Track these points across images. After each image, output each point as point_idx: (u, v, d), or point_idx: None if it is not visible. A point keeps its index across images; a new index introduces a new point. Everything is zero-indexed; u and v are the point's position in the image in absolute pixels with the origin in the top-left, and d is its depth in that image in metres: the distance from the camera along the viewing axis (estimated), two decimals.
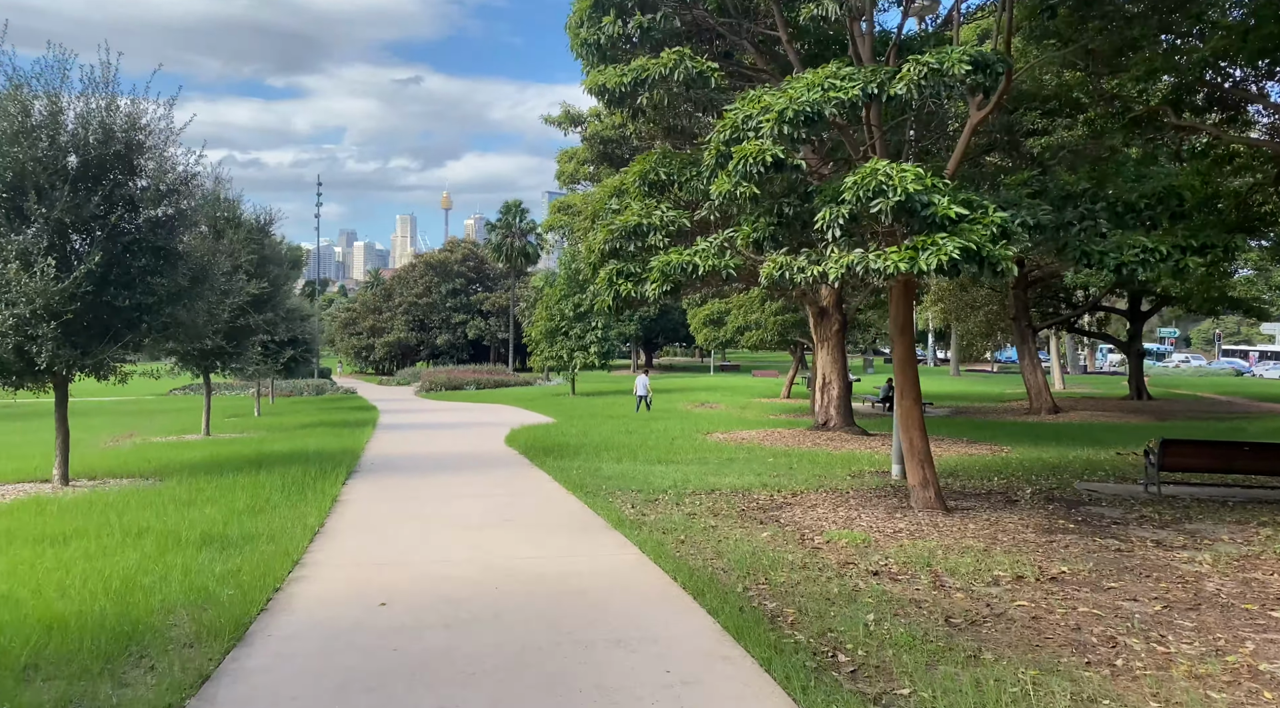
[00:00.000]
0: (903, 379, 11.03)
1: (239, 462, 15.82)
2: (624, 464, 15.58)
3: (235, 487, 12.46)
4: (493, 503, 11.71)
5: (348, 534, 9.54)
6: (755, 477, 14.12)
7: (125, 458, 16.96)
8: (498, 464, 16.09)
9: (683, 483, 13.31)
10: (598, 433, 21.32)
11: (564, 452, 17.30)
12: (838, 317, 20.48)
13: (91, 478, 14.76)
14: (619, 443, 18.86)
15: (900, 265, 7.77)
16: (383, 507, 11.39)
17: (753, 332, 27.83)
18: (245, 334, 23.01)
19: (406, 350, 79.59)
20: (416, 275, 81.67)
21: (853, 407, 21.14)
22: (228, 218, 22.51)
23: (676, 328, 76.19)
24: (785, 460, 16.24)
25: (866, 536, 9.76)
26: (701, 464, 15.68)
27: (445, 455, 17.58)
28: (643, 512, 11.11)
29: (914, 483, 11.07)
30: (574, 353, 41.49)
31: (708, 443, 19.10)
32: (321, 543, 9.06)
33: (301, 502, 11.43)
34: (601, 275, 9.89)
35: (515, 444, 19.34)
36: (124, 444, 21.04)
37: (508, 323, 73.30)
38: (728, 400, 36.40)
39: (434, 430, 24.16)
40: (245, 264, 22.18)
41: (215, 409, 37.19)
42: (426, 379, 55.00)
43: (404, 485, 13.35)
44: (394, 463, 16.32)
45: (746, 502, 11.98)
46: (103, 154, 12.83)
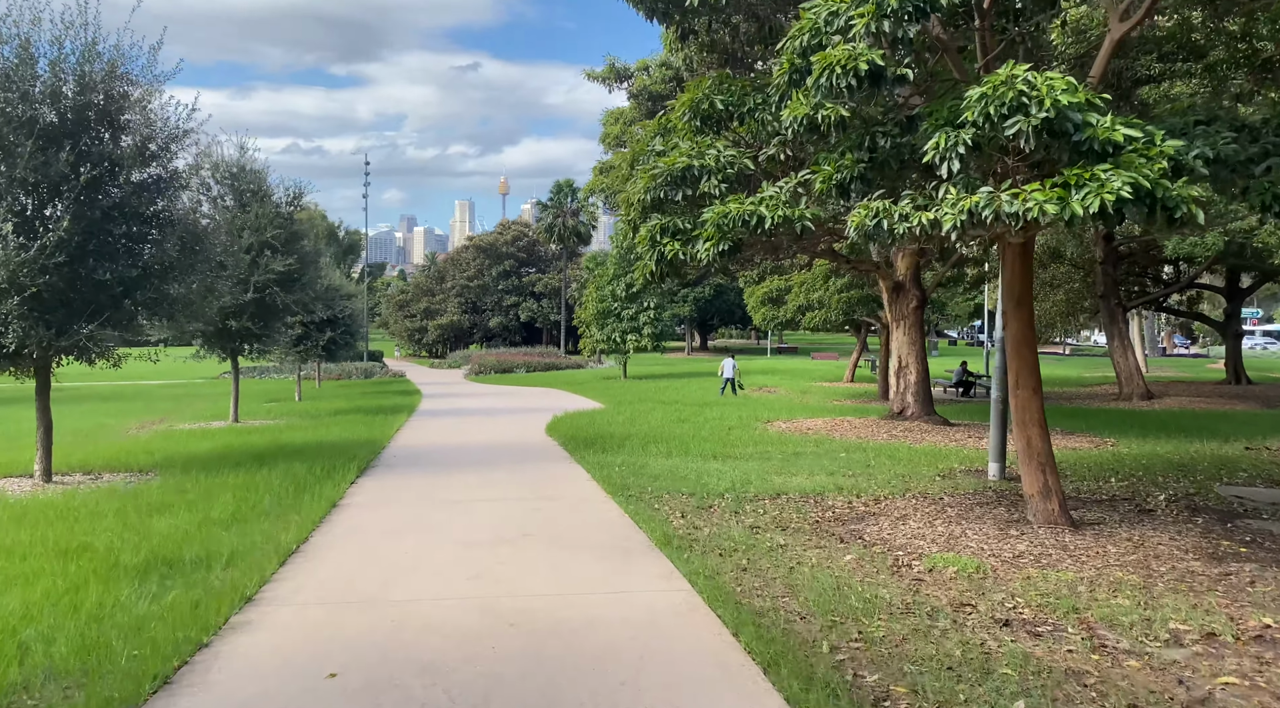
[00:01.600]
0: (1018, 363, 8.85)
1: (249, 454, 14.26)
2: (674, 460, 13.63)
3: (227, 487, 10.84)
4: (516, 510, 9.86)
5: (329, 554, 7.76)
6: (827, 477, 12.06)
7: (134, 448, 15.55)
8: (532, 458, 14.28)
9: (742, 485, 11.32)
10: (647, 421, 19.40)
11: (608, 443, 15.41)
12: (915, 292, 18.19)
13: (86, 472, 13.32)
14: (670, 433, 16.91)
15: (1048, 208, 5.64)
16: (385, 514, 9.62)
17: (815, 311, 25.60)
18: (273, 314, 21.56)
19: (459, 333, 78.61)
20: (468, 258, 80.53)
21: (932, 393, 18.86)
22: (254, 190, 21.06)
23: (732, 309, 73.86)
24: (860, 456, 14.12)
25: (979, 562, 7.67)
26: (763, 460, 13.66)
27: (477, 447, 15.84)
28: (694, 524, 9.15)
29: (1032, 491, 8.91)
30: (626, 335, 39.60)
31: (769, 434, 17.05)
32: (292, 568, 7.28)
33: (294, 507, 9.73)
34: (643, 233, 7.90)
35: (556, 434, 17.53)
36: (146, 432, 19.78)
37: (560, 304, 71.76)
38: (787, 384, 34.22)
39: (472, 417, 22.50)
40: (272, 239, 20.78)
41: (258, 393, 36.30)
42: (476, 362, 53.71)
43: (419, 485, 11.59)
44: (417, 456, 14.62)
45: (820, 510, 9.94)
46: (79, 106, 11.24)
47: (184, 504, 9.80)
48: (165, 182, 11.91)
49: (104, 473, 13.28)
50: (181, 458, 14.11)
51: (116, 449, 15.44)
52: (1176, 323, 75.97)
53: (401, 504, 10.21)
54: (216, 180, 21.19)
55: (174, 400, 32.15)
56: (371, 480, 11.99)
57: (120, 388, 41.79)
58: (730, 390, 28.29)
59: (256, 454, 14.13)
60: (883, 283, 18.61)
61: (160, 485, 11.14)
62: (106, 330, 11.86)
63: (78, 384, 44.39)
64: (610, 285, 40.18)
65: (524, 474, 12.49)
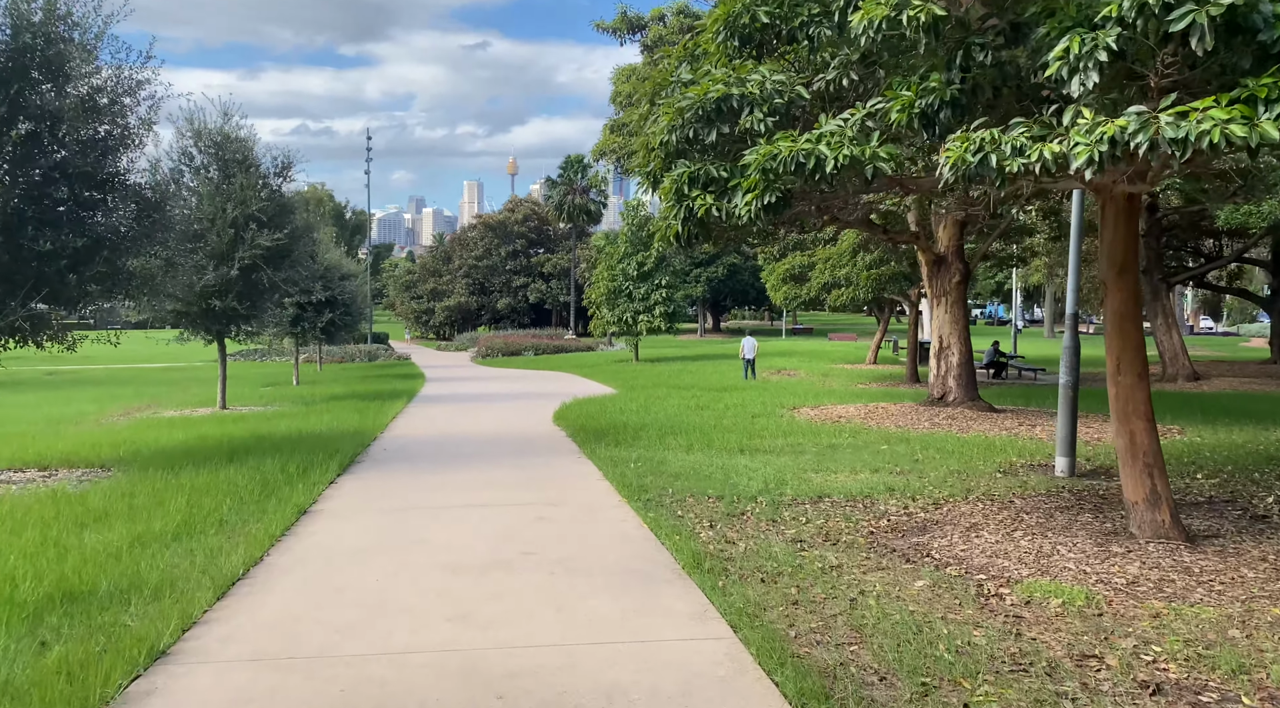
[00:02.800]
0: (1121, 343, 7.30)
1: (224, 446, 12.84)
2: (695, 454, 12.14)
3: (184, 489, 9.40)
4: (515, 519, 8.39)
5: (280, 584, 6.30)
6: (873, 475, 10.56)
7: (102, 440, 14.15)
8: (537, 452, 12.81)
9: (777, 484, 9.82)
10: (663, 408, 17.91)
11: (621, 435, 13.92)
12: (958, 266, 16.57)
13: (41, 468, 11.93)
14: (688, 423, 15.40)
15: (1234, 131, 4.09)
16: (360, 525, 8.16)
17: (841, 289, 23.99)
18: (260, 293, 20.12)
19: (467, 315, 77.07)
20: (476, 237, 78.83)
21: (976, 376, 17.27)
22: (239, 160, 19.56)
23: (746, 289, 72.24)
24: (904, 448, 12.60)
25: (1086, 590, 6.16)
26: (796, 454, 12.15)
27: (476, 438, 14.38)
28: (726, 537, 7.67)
29: (1135, 498, 7.37)
30: (638, 315, 38.04)
31: (798, 423, 15.53)
32: (230, 604, 5.82)
33: (256, 515, 8.29)
34: (666, 185, 6.35)
35: (564, 423, 16.06)
36: (126, 419, 18.41)
37: (570, 285, 70.15)
38: (807, 367, 32.67)
39: (476, 403, 21.06)
40: (258, 212, 19.29)
41: (256, 377, 34.95)
42: (483, 344, 52.28)
43: (407, 486, 10.13)
44: (410, 450, 13.17)
45: (872, 517, 8.44)
46: (13, 50, 9.74)
47: (127, 512, 8.37)
48: (116, 140, 10.40)
49: (60, 469, 11.89)
50: (149, 451, 12.71)
51: (83, 440, 14.05)
52: (1203, 300, 73.94)
53: (381, 512, 8.75)
54: (200, 149, 19.75)
55: (168, 385, 30.84)
56: (353, 480, 10.54)
57: (116, 372, 40.60)
58: (751, 373, 26.75)
59: (232, 447, 12.71)
60: (922, 256, 17.01)
61: (110, 486, 9.72)
62: (49, 309, 10.44)
63: (75, 368, 43.19)
64: (621, 264, 38.60)
65: (526, 473, 11.02)
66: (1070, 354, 10.96)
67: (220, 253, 19.11)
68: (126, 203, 10.67)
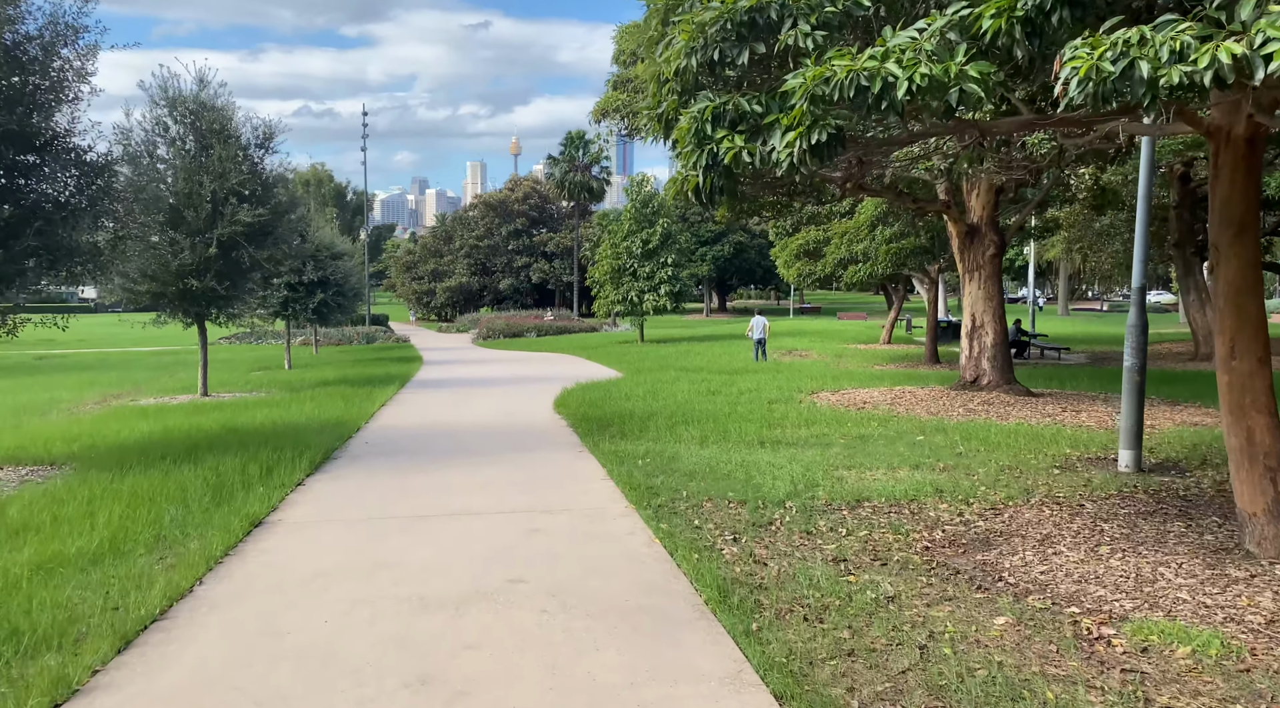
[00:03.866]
0: (1237, 320, 5.99)
1: (189, 441, 11.60)
2: (711, 448, 10.86)
3: (125, 495, 8.16)
4: (504, 532, 7.14)
5: (204, 627, 5.05)
6: (913, 471, 9.29)
7: (63, 432, 12.92)
8: (534, 445, 11.56)
9: (807, 485, 8.56)
10: (671, 393, 16.63)
11: (627, 424, 12.65)
12: (993, 237, 15.20)
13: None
14: (700, 410, 14.12)
15: None
16: (320, 542, 6.91)
17: (859, 265, 22.60)
18: (241, 273, 18.84)
19: (469, 295, 75.67)
20: (477, 217, 77.30)
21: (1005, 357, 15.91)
22: (215, 130, 18.22)
23: (753, 268, 70.83)
24: (942, 438, 11.33)
25: (1214, 631, 4.90)
26: (823, 447, 10.87)
27: (469, 429, 13.13)
28: (754, 554, 6.41)
29: (1254, 509, 6.09)
30: (643, 295, 36.68)
31: (820, 409, 14.24)
32: (125, 666, 4.57)
33: (200, 528, 7.06)
34: (684, 124, 5.00)
35: (565, 410, 14.80)
36: (99, 408, 17.19)
37: (573, 265, 68.75)
38: (819, 347, 31.38)
39: (472, 388, 19.80)
40: (238, 186, 17.98)
41: (249, 361, 33.69)
42: (484, 325, 50.98)
43: (382, 489, 8.88)
44: (394, 444, 11.92)
45: (923, 526, 7.18)
46: None
47: (49, 525, 7.13)
48: (46, 94, 9.07)
49: (3, 467, 10.68)
50: (105, 446, 11.48)
51: (40, 433, 12.82)
52: None
53: (349, 524, 7.49)
54: (175, 119, 18.41)
55: (156, 370, 29.53)
56: (324, 481, 9.29)
57: (107, 356, 39.40)
58: (762, 354, 25.44)
59: (196, 441, 11.47)
60: (953, 227, 15.64)
61: (43, 491, 8.48)
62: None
63: (67, 352, 42.04)
64: (626, 241, 37.20)
65: (522, 471, 9.76)
66: (1137, 334, 9.64)
67: (197, 229, 17.83)
68: (66, 168, 9.36)
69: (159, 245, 17.83)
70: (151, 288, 18.17)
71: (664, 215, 37.62)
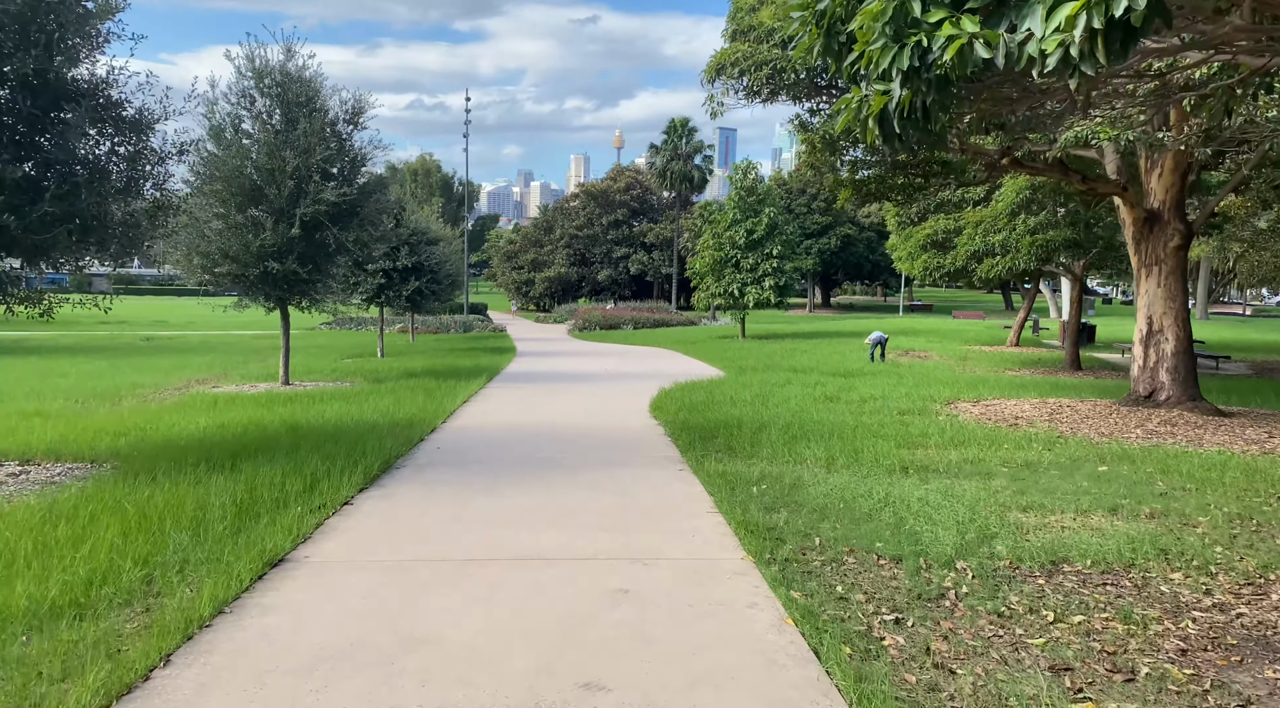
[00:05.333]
0: None
1: (242, 439, 10.33)
2: (842, 473, 8.90)
3: (133, 515, 6.78)
4: (580, 595, 5.41)
5: None
6: (1111, 517, 7.17)
7: (118, 424, 11.90)
8: (627, 459, 9.83)
9: (979, 535, 6.56)
10: (783, 399, 14.66)
11: (735, 437, 10.79)
12: (1178, 226, 12.68)
13: (24, 461, 9.68)
14: (821, 421, 12.13)
15: None
16: (343, 597, 5.31)
17: (996, 259, 20.07)
18: (325, 256, 17.75)
19: (567, 286, 74.85)
20: (578, 207, 76.33)
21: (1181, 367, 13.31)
22: (301, 102, 17.10)
23: (860, 262, 67.69)
24: (1130, 470, 9.09)
25: None
26: (983, 477, 8.78)
27: (554, 434, 11.51)
28: (932, 652, 4.50)
29: None
30: (745, 288, 34.63)
31: (964, 425, 12.07)
32: None
33: (210, 564, 5.58)
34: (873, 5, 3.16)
35: (663, 415, 13.04)
36: (175, 395, 16.34)
37: (672, 256, 66.99)
38: (938, 348, 28.81)
39: (563, 384, 18.27)
40: (323, 161, 16.85)
41: (344, 347, 33.11)
42: (581, 317, 49.77)
43: (442, 516, 7.28)
44: (467, 450, 10.37)
45: (1161, 610, 5.12)
46: None
47: (28, 555, 5.76)
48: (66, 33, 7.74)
49: (43, 463, 9.60)
50: (153, 443, 10.31)
51: (93, 424, 11.81)
52: None
53: (387, 568, 5.88)
54: (261, 91, 17.36)
55: (251, 354, 29.04)
56: (374, 500, 7.75)
57: (211, 338, 39.65)
58: (880, 355, 23.20)
59: (249, 440, 10.17)
60: (1127, 212, 13.16)
61: (53, 503, 7.19)
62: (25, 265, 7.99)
63: (174, 334, 42.68)
64: (729, 231, 35.20)
65: (608, 494, 8.03)
66: None
67: (279, 208, 16.77)
68: (97, 125, 8.07)
69: (240, 224, 16.85)
70: (231, 269, 17.21)
71: (770, 204, 35.45)
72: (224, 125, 16.95)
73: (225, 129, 16.96)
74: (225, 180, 16.57)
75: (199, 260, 17.03)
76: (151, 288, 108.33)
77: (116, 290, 13.50)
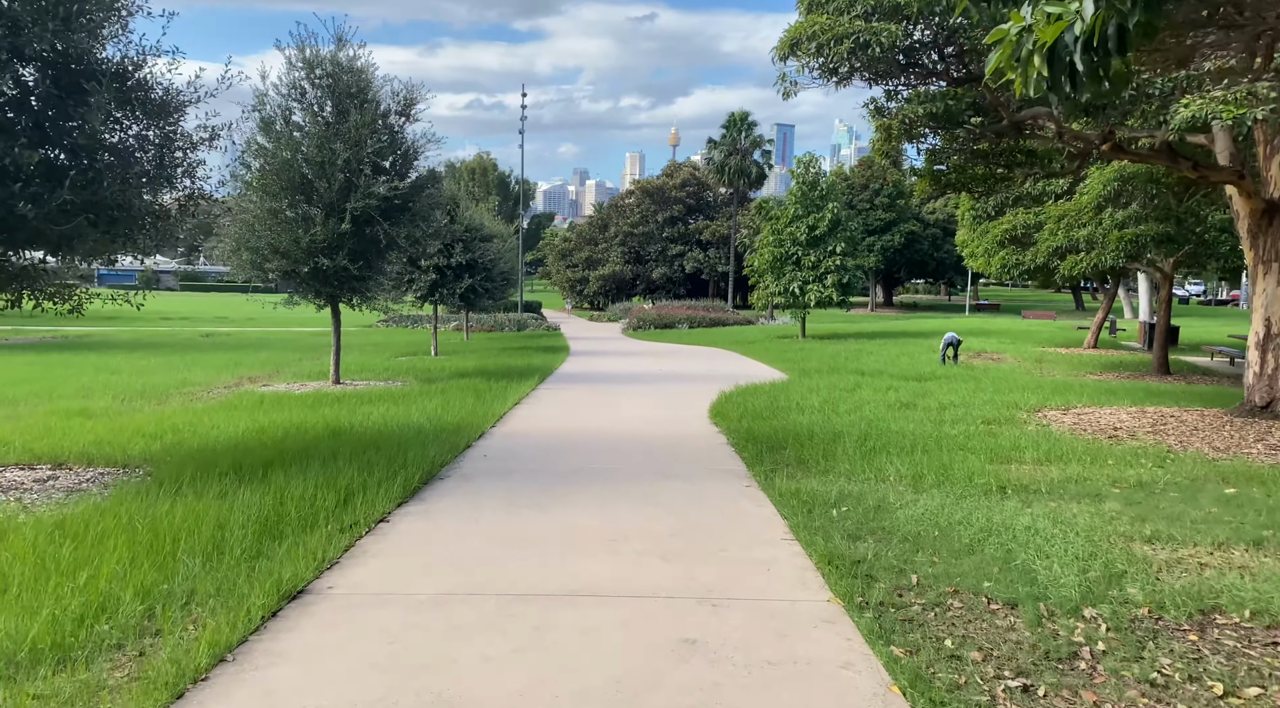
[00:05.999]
0: None
1: (279, 445, 9.76)
2: (932, 493, 7.93)
3: (145, 533, 6.17)
4: (639, 646, 4.60)
5: None
6: (1255, 551, 6.14)
7: (160, 423, 11.47)
8: (686, 471, 9.00)
9: (1103, 572, 5.59)
10: (854, 405, 13.68)
11: (806, 448, 9.88)
12: None
13: (56, 464, 9.26)
14: (898, 430, 11.15)
15: None
16: (365, 645, 4.58)
17: (1081, 255, 18.75)
18: (376, 252, 17.24)
19: (621, 284, 74.21)
20: (633, 204, 75.65)
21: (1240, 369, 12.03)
22: (352, 93, 16.58)
23: (925, 259, 65.79)
24: (1261, 492, 7.97)
25: None
26: (1093, 499, 7.75)
27: (609, 442, 10.74)
28: None
29: None
30: (807, 285, 33.50)
31: (1057, 436, 10.97)
32: None
33: (214, 600, 4.91)
34: None
35: (725, 422, 12.19)
36: (223, 394, 15.98)
37: (728, 254, 65.88)
38: (1011, 350, 27.38)
39: (619, 386, 17.52)
40: (373, 154, 16.32)
41: (399, 345, 32.83)
42: (635, 315, 49.07)
43: (486, 534, 6.53)
44: (515, 459, 9.64)
45: None
46: None
47: (24, 578, 5.15)
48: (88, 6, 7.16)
49: (74, 467, 9.14)
50: (189, 447, 9.80)
51: (131, 425, 11.38)
52: None
53: (419, 604, 5.14)
54: (312, 82, 16.87)
55: (307, 352, 28.86)
56: (413, 518, 7.05)
57: (269, 335, 39.84)
58: (952, 357, 22.01)
59: (287, 446, 9.59)
60: (1242, 203, 11.91)
61: (63, 519, 6.62)
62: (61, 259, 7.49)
63: (234, 330, 43.06)
64: (790, 227, 34.09)
65: (669, 514, 7.21)
66: None
67: (329, 203, 16.28)
68: (123, 108, 7.51)
69: (290, 219, 16.40)
70: (281, 265, 16.78)
71: (833, 199, 34.25)
72: (274, 117, 16.53)
73: (275, 121, 16.54)
74: (275, 173, 16.15)
75: (248, 256, 16.63)
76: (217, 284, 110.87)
77: (184, 287, 13.13)
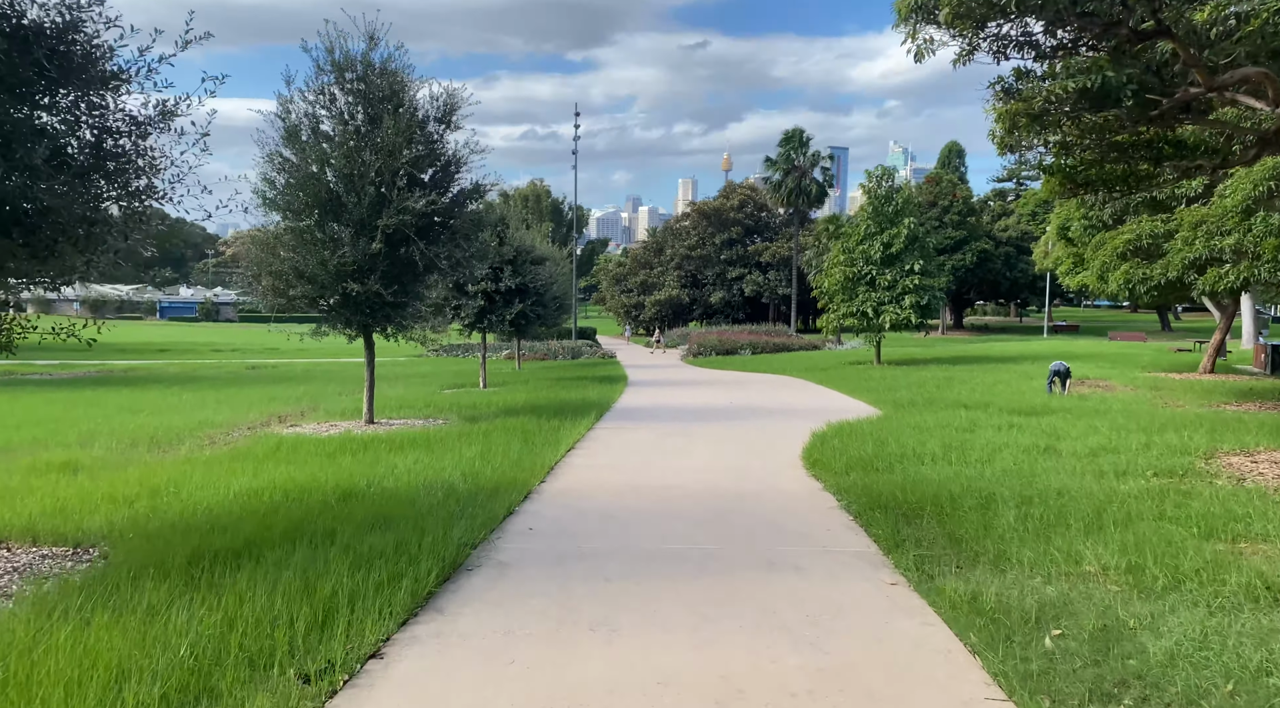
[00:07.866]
0: None
1: (278, 517, 7.70)
2: (1170, 602, 5.49)
3: (32, 684, 4.09)
4: None
5: None
6: None
7: (136, 484, 9.54)
8: (797, 560, 6.68)
9: None
10: (982, 449, 11.20)
11: (953, 519, 7.49)
12: None
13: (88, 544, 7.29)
14: (1057, 487, 8.66)
15: None
16: None
17: (1226, 267, 16.01)
18: (413, 275, 15.27)
19: (678, 309, 72.01)
20: (689, 226, 73.58)
21: None
22: (385, 97, 14.67)
23: (997, 279, 62.58)
24: None
25: None
26: None
27: (687, 506, 8.47)
28: None
29: None
30: (882, 307, 30.92)
31: (1268, 495, 8.40)
32: None
33: None
34: None
35: (827, 473, 9.85)
36: (240, 437, 14.11)
37: (789, 276, 63.34)
38: (1117, 377, 24.50)
39: (685, 425, 15.26)
40: (408, 165, 14.35)
41: (447, 376, 30.93)
42: (695, 341, 46.78)
43: (531, 680, 4.32)
44: (571, 532, 7.42)
45: None
46: None
47: None
48: None
49: (10, 547, 7.20)
50: (165, 517, 7.81)
51: (117, 484, 9.46)
52: None
53: None
54: (343, 88, 14.98)
55: (348, 384, 27.09)
56: (419, 650, 4.86)
57: (314, 367, 38.43)
58: (1060, 386, 19.37)
59: (281, 518, 7.52)
60: None
61: None
62: None
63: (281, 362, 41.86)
64: (862, 246, 31.59)
65: (795, 651, 4.91)
66: None
67: (359, 220, 14.36)
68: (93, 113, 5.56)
69: (317, 240, 14.52)
70: (306, 292, 14.88)
71: (908, 213, 31.68)
72: (300, 126, 14.73)
73: (302, 130, 14.74)
74: (300, 188, 14.34)
75: (269, 281, 14.82)
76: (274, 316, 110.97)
77: (242, 318, 11.33)
